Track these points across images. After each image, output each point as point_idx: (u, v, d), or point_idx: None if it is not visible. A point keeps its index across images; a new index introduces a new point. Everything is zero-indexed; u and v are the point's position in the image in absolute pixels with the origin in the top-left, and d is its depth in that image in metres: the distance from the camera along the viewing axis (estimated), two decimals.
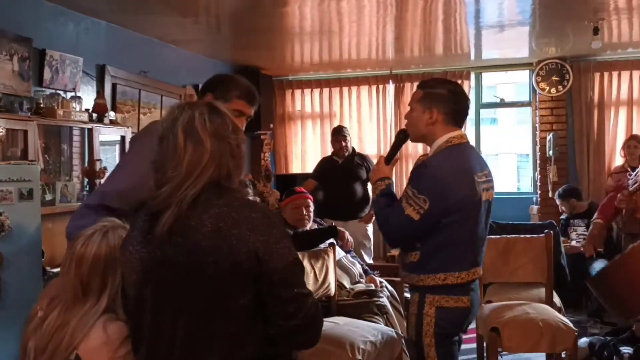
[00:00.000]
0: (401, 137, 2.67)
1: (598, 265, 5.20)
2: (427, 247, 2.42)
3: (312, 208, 4.27)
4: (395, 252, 6.29)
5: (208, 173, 1.55)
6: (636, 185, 3.36)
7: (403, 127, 2.71)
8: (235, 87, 2.35)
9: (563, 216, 6.08)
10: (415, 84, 7.77)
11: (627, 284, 2.80)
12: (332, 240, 4.00)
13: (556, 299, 4.15)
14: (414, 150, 7.01)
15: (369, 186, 5.97)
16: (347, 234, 4.51)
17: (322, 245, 3.90)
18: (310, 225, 4.24)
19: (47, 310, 1.82)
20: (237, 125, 1.65)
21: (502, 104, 7.85)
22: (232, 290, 1.52)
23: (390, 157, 2.64)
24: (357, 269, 4.48)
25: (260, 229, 1.52)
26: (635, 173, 3.39)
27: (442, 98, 2.50)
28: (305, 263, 3.61)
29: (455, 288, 2.44)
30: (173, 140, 1.57)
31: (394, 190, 2.63)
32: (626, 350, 4.12)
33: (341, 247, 4.35)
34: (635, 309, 2.81)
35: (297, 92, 7.59)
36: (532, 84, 6.86)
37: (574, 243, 5.86)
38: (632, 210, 3.84)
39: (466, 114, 2.60)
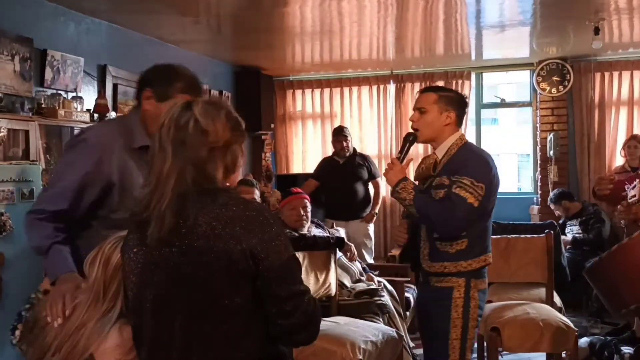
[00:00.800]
0: (410, 139, 2.79)
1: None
2: (473, 233, 2.61)
3: (309, 208, 4.27)
4: (396, 252, 6.30)
5: (170, 183, 1.52)
6: (635, 198, 3.35)
7: (409, 129, 2.84)
8: (177, 80, 2.20)
9: (561, 220, 6.10)
10: (417, 84, 7.79)
11: (622, 274, 2.81)
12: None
13: (557, 299, 4.16)
14: (415, 150, 7.00)
15: (370, 186, 5.98)
16: (352, 246, 4.52)
17: None
18: (308, 225, 4.24)
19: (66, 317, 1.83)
20: (205, 127, 1.55)
21: (503, 104, 7.84)
22: (227, 289, 1.51)
23: (402, 160, 2.77)
24: (357, 267, 4.50)
25: (255, 228, 1.51)
26: (632, 186, 3.38)
27: (455, 101, 2.74)
28: (306, 263, 3.61)
29: (485, 269, 2.70)
30: (151, 146, 1.57)
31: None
32: (627, 350, 4.12)
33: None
34: (628, 299, 2.81)
35: (298, 92, 7.59)
36: (533, 84, 6.86)
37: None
38: (632, 220, 3.85)
39: None
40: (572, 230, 5.97)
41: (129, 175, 2.17)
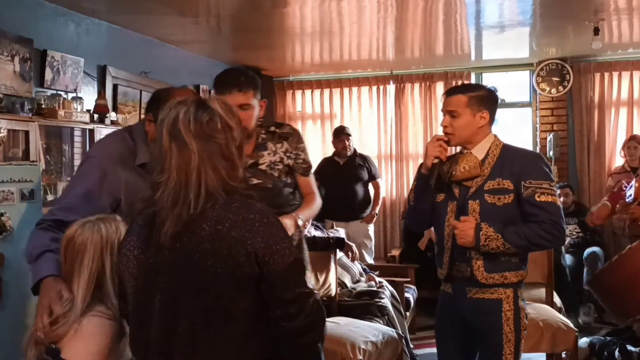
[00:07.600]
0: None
1: (591, 249, 5.56)
2: None
3: None
4: (396, 252, 6.30)
5: (204, 176, 1.49)
6: (631, 197, 3.37)
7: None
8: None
9: None
10: (416, 85, 7.75)
11: (624, 285, 2.81)
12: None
13: (556, 299, 4.16)
14: (414, 150, 7.01)
15: (370, 187, 5.98)
16: (353, 246, 4.51)
17: None
18: (308, 226, 4.24)
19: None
20: (229, 123, 1.57)
21: (503, 104, 7.83)
22: (232, 293, 1.49)
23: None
24: (357, 267, 4.50)
25: (259, 230, 1.50)
26: (630, 186, 3.40)
27: (487, 99, 2.52)
28: (306, 263, 3.61)
29: None
30: (159, 142, 1.54)
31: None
32: (633, 349, 4.12)
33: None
34: (633, 310, 2.81)
35: (298, 93, 7.59)
36: (533, 85, 6.86)
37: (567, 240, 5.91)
38: (632, 220, 3.86)
39: None
40: (568, 229, 5.96)
41: (134, 191, 2.23)
